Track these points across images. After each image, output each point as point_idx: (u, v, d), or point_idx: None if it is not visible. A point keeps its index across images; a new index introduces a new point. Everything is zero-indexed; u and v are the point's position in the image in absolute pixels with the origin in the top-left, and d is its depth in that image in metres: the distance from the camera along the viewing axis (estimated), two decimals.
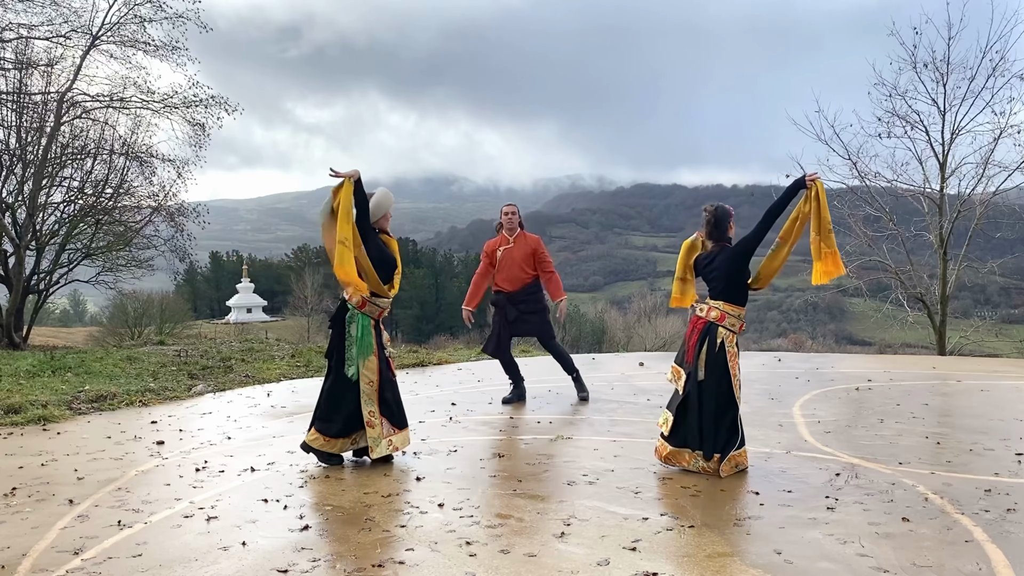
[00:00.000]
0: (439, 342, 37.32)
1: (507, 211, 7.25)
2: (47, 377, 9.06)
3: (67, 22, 16.33)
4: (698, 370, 4.71)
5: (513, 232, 7.17)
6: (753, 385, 8.20)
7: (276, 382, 9.13)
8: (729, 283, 4.74)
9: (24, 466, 5.24)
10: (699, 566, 3.29)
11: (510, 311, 7.10)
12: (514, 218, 7.19)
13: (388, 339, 5.24)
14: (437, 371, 9.90)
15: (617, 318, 52.56)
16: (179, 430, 6.38)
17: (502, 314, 7.16)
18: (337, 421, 5.01)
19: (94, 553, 3.55)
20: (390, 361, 5.19)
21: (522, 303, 7.11)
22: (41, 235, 16.94)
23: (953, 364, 10.34)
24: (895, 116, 16.44)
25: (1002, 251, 18.20)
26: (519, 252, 7.10)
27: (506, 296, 7.12)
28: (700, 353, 4.72)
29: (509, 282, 7.10)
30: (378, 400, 5.02)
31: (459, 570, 3.27)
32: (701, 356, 4.71)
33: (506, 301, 7.11)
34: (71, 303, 62.93)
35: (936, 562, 3.30)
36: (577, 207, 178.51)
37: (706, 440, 4.66)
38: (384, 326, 5.24)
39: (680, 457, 4.77)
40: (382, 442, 4.98)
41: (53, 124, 16.20)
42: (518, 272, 7.08)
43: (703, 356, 4.70)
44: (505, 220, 7.19)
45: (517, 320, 7.12)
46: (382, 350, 5.10)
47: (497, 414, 6.83)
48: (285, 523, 3.91)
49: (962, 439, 5.62)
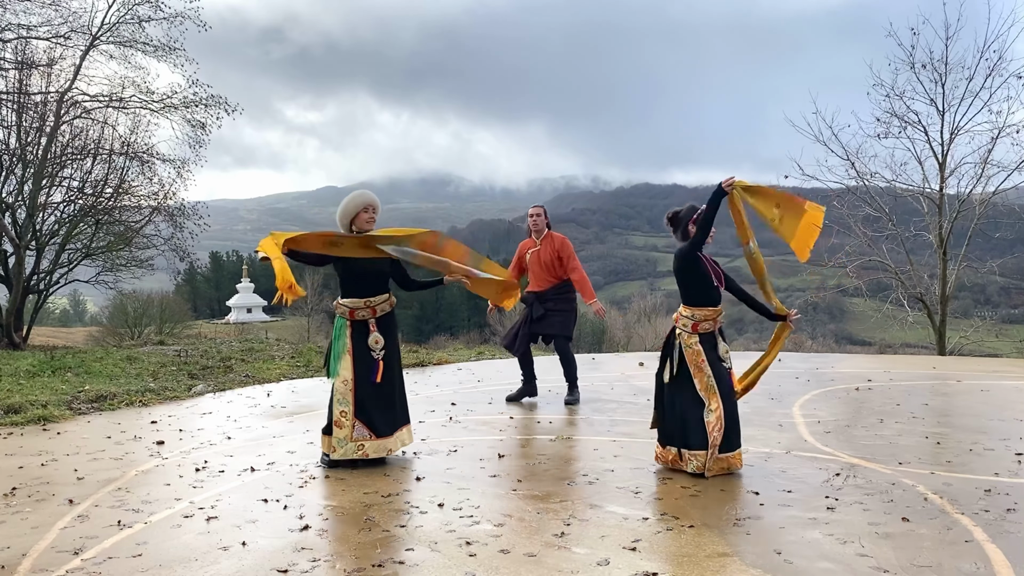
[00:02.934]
0: (439, 342, 37.29)
1: (532, 213, 7.22)
2: (47, 377, 9.07)
3: (67, 22, 16.35)
4: (664, 371, 4.84)
5: (540, 234, 7.14)
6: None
7: (276, 382, 9.13)
8: (678, 285, 4.86)
9: (24, 466, 5.24)
10: (699, 566, 3.29)
11: (536, 308, 7.08)
12: (539, 220, 7.15)
13: (377, 341, 4.98)
14: (437, 371, 9.90)
15: (617, 318, 52.54)
16: (179, 430, 6.38)
17: (528, 312, 7.14)
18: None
19: (94, 553, 3.54)
20: (378, 364, 4.96)
21: (550, 301, 7.09)
22: (41, 235, 16.94)
23: (953, 364, 10.34)
24: (894, 116, 16.46)
25: (1002, 251, 18.20)
26: (546, 254, 7.09)
27: (535, 295, 7.12)
28: (666, 354, 4.85)
29: (539, 283, 7.11)
30: (354, 402, 4.92)
31: (459, 570, 3.27)
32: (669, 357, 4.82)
33: (535, 299, 7.11)
34: (71, 303, 62.92)
35: (936, 562, 3.30)
36: (577, 207, 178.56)
37: (678, 438, 4.76)
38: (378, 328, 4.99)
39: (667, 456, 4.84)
40: (348, 444, 4.88)
41: (53, 124, 16.20)
42: (545, 275, 7.08)
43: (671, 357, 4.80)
44: (531, 223, 7.18)
45: (542, 318, 7.08)
46: (365, 352, 4.94)
47: (497, 414, 6.83)
48: (285, 523, 3.91)
49: (962, 439, 5.62)
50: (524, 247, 7.25)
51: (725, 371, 4.76)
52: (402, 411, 5.17)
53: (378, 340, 4.99)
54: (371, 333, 4.98)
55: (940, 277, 16.33)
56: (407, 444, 5.22)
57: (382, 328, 5.04)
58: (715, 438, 4.59)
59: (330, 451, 4.95)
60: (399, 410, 5.13)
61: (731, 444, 4.67)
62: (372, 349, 4.96)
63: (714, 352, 4.75)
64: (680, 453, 4.74)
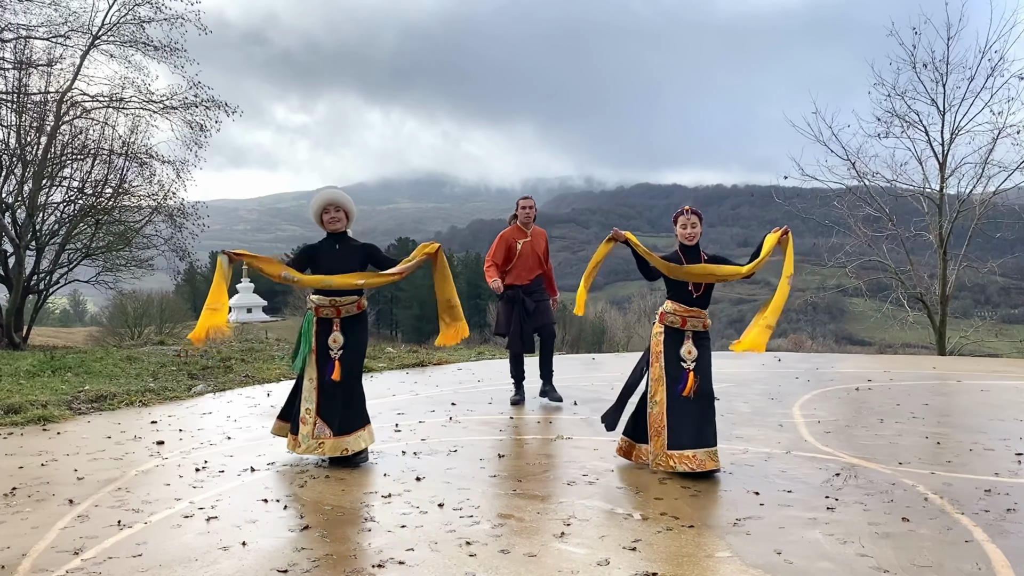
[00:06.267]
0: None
1: (525, 204, 7.19)
2: (47, 377, 9.06)
3: (67, 22, 16.34)
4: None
5: (529, 226, 7.17)
6: (753, 385, 8.20)
7: (276, 382, 9.13)
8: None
9: (24, 466, 5.24)
10: (699, 566, 3.29)
11: (528, 303, 7.05)
12: (531, 212, 7.17)
13: (335, 340, 5.01)
14: (437, 371, 9.90)
15: (617, 318, 52.60)
16: (179, 430, 6.38)
17: (521, 307, 7.04)
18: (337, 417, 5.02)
19: (94, 553, 3.54)
20: (334, 364, 4.98)
21: (534, 293, 7.11)
22: (41, 235, 16.93)
23: (953, 364, 10.34)
24: (895, 116, 16.47)
25: (1002, 251, 18.21)
26: (538, 246, 7.13)
27: (522, 289, 7.08)
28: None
29: (526, 274, 7.08)
30: (317, 400, 4.99)
31: (459, 570, 3.27)
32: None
33: (523, 294, 7.07)
34: (71, 303, 62.95)
35: (936, 562, 3.30)
36: (577, 207, 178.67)
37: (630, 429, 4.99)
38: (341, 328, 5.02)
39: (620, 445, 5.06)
40: (310, 441, 4.98)
41: (53, 124, 16.20)
42: (535, 266, 7.11)
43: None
44: (522, 214, 7.16)
45: (536, 311, 7.07)
46: (324, 350, 4.99)
47: (497, 414, 6.83)
48: (285, 523, 3.91)
49: (962, 439, 5.62)
50: (512, 237, 7.12)
51: (682, 371, 4.73)
52: (359, 411, 5.11)
53: (336, 339, 5.03)
54: (332, 332, 5.03)
55: (940, 277, 16.33)
56: (370, 443, 5.17)
57: (345, 329, 5.07)
58: (655, 431, 4.71)
59: (294, 448, 5.04)
60: (356, 410, 5.09)
61: (681, 443, 4.63)
62: (330, 348, 5.02)
63: (675, 349, 4.77)
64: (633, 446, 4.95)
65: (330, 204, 5.08)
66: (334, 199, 5.10)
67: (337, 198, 5.12)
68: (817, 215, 17.80)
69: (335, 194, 5.15)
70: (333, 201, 5.09)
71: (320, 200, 5.11)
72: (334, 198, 5.11)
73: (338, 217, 5.09)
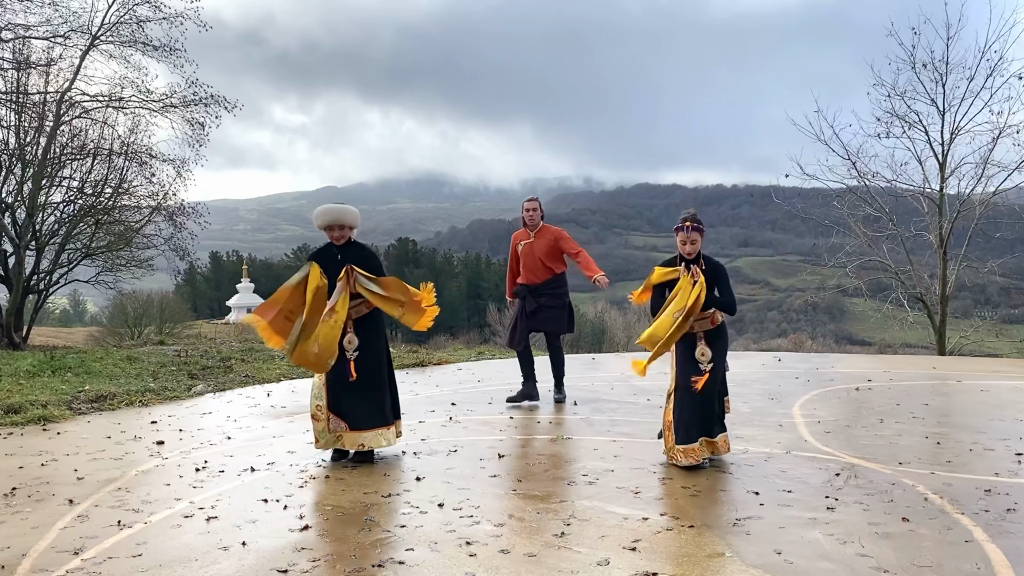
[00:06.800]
0: (439, 342, 37.25)
1: (528, 207, 7.22)
2: (47, 377, 9.07)
3: (66, 22, 16.35)
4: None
5: (535, 227, 7.17)
6: (753, 385, 8.20)
7: (276, 382, 9.13)
8: None
9: (24, 466, 5.24)
10: (699, 566, 3.29)
11: (530, 302, 7.08)
12: (535, 214, 7.17)
13: (351, 341, 5.00)
14: (437, 371, 9.91)
15: (617, 318, 52.51)
16: (179, 430, 6.38)
17: (522, 305, 7.12)
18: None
19: (94, 553, 3.54)
20: (350, 364, 4.97)
21: (543, 296, 7.11)
22: (41, 235, 16.94)
23: (953, 364, 10.34)
24: (894, 116, 16.48)
25: (1002, 251, 18.21)
26: (540, 246, 7.11)
27: (528, 288, 7.12)
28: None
29: (532, 275, 7.12)
30: (327, 397, 5.01)
31: (459, 570, 3.27)
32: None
33: (527, 292, 7.11)
34: (71, 303, 62.96)
35: (936, 562, 3.29)
36: (577, 207, 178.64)
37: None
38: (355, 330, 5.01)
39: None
40: (328, 436, 5.04)
41: (52, 124, 16.20)
42: (539, 266, 7.11)
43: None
44: (526, 216, 7.19)
45: (537, 312, 7.08)
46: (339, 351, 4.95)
47: (497, 414, 6.83)
48: (285, 523, 3.91)
49: (962, 439, 5.62)
50: (516, 238, 7.25)
51: (696, 369, 4.78)
52: (380, 410, 5.08)
53: (352, 341, 5.02)
54: (347, 334, 5.01)
55: (940, 277, 16.34)
56: (391, 443, 5.17)
57: (359, 329, 5.06)
58: (666, 424, 4.87)
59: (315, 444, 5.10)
60: (377, 407, 5.07)
61: (690, 436, 4.76)
62: (346, 349, 5.01)
63: (691, 350, 4.84)
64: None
65: (334, 223, 5.04)
66: (338, 219, 5.04)
67: (341, 217, 5.05)
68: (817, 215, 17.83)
69: (339, 214, 5.05)
70: (337, 221, 5.04)
71: (324, 220, 5.06)
72: (338, 218, 5.04)
73: (343, 235, 5.07)
